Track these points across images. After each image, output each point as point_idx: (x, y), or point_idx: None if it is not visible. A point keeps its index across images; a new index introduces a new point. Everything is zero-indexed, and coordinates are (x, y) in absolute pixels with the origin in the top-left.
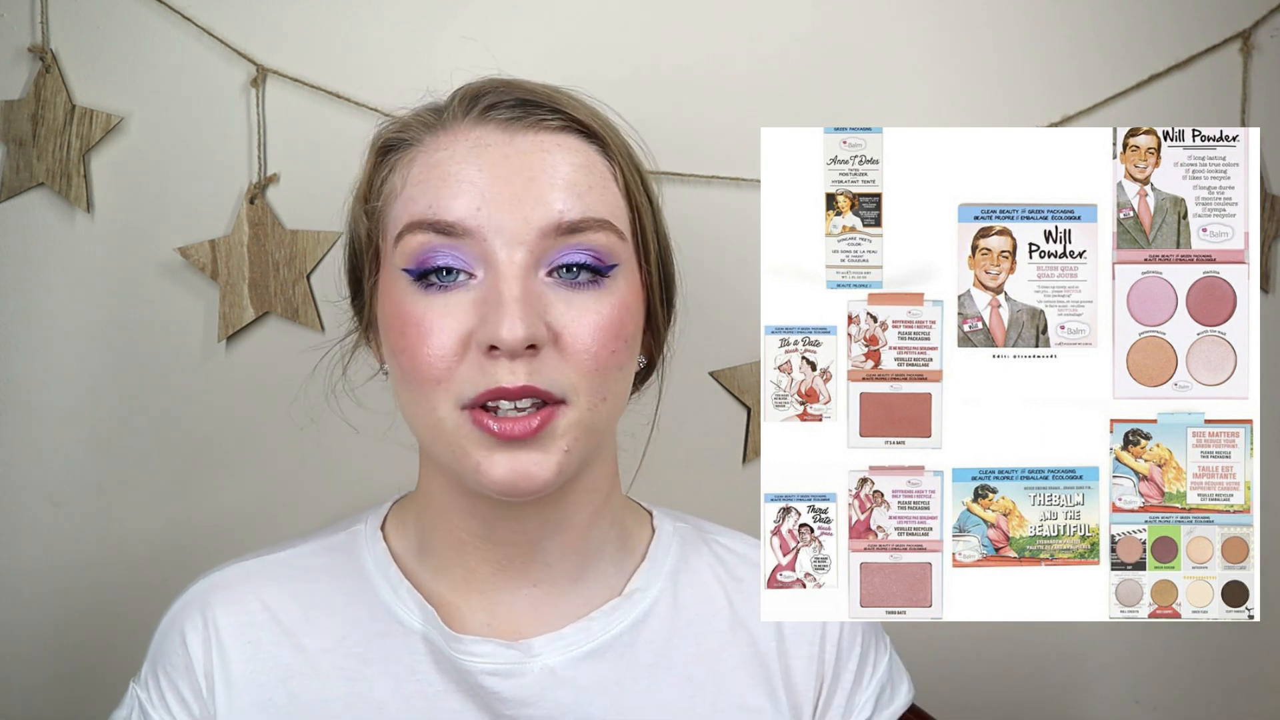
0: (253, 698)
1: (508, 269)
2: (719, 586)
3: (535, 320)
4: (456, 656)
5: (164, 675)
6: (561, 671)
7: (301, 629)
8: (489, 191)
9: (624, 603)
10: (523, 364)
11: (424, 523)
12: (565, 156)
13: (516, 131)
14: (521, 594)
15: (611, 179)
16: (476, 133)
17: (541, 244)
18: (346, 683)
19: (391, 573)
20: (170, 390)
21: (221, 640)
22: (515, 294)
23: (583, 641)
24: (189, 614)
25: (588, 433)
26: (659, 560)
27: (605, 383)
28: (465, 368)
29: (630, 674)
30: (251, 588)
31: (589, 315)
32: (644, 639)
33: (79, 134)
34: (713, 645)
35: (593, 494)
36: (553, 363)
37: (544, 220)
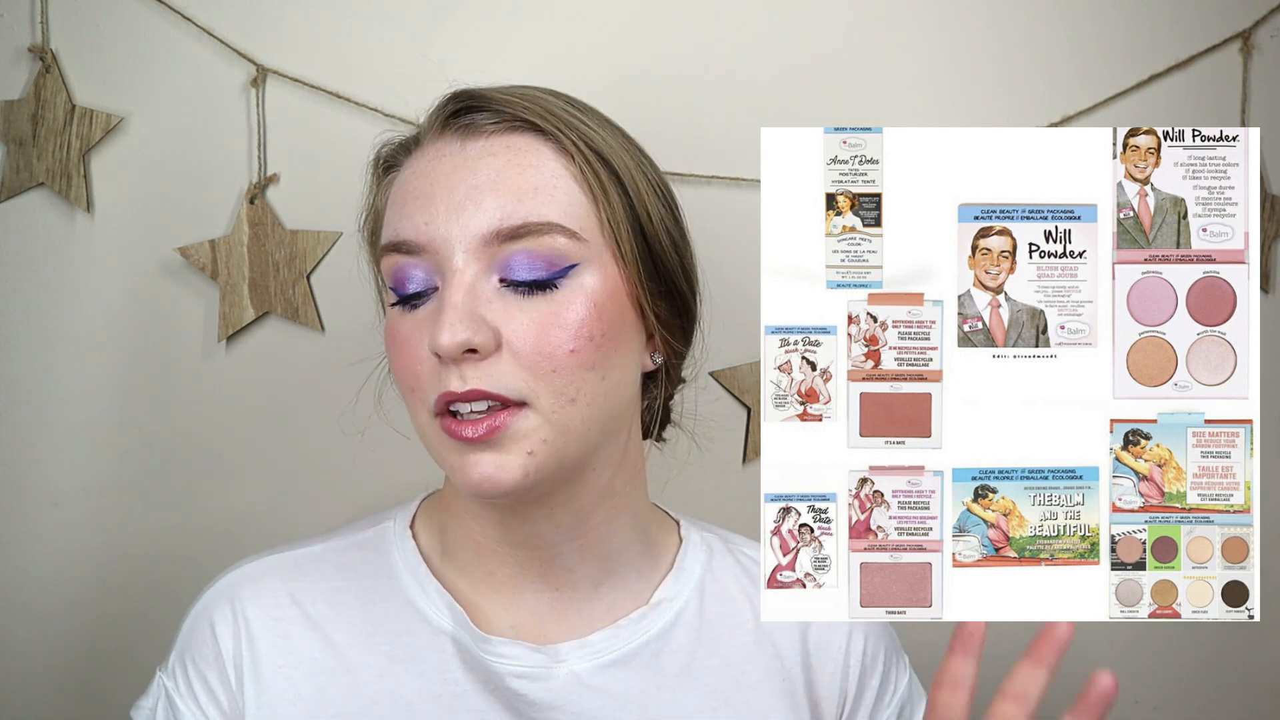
0: (281, 691)
1: (452, 277)
2: (745, 599)
3: (476, 324)
4: (485, 657)
5: (192, 665)
6: (587, 678)
7: (330, 624)
8: (435, 204)
9: (651, 612)
10: (470, 368)
11: (446, 523)
12: (513, 159)
13: (469, 138)
14: (544, 598)
15: (569, 177)
16: (437, 145)
17: (486, 251)
18: (375, 679)
19: (420, 572)
20: (170, 390)
21: (251, 632)
22: (455, 301)
23: (609, 649)
24: (218, 605)
25: (561, 434)
26: (687, 570)
27: (570, 384)
28: (429, 376)
29: (655, 683)
30: (281, 581)
31: (540, 317)
32: (670, 649)
33: (79, 134)
34: (737, 657)
35: (608, 497)
36: (504, 367)
37: (484, 227)
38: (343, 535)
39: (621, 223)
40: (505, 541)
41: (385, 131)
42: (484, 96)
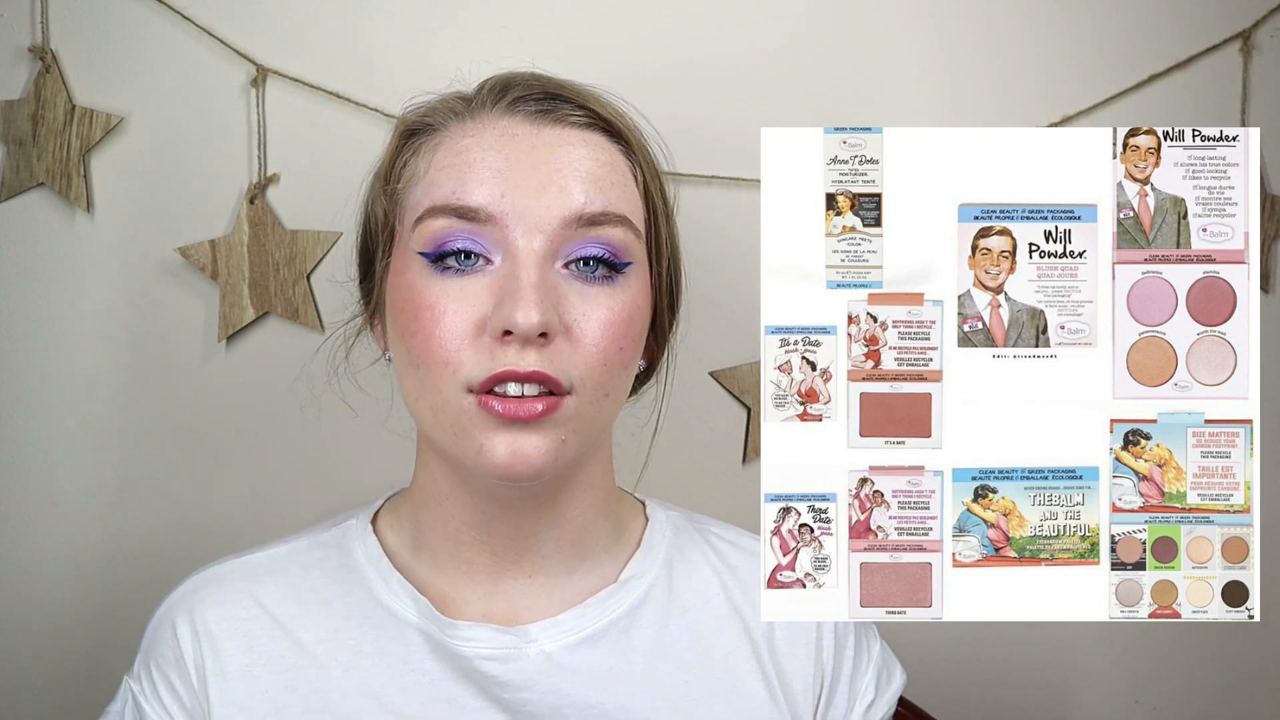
0: (248, 689)
1: (526, 256)
2: (713, 573)
3: (550, 309)
4: (452, 643)
5: (156, 668)
6: (558, 657)
7: (296, 623)
8: (513, 179)
9: (619, 589)
10: (534, 350)
11: (420, 515)
12: (590, 152)
13: (543, 124)
14: (518, 584)
15: (632, 179)
16: (504, 123)
17: (561, 234)
18: (343, 674)
19: (383, 566)
20: (170, 390)
21: (213, 634)
22: (533, 281)
23: (579, 627)
24: (179, 610)
25: (587, 426)
26: (654, 547)
27: (609, 379)
28: (474, 352)
29: (626, 659)
30: (243, 584)
31: (600, 310)
32: (639, 625)
33: (79, 134)
34: (707, 630)
35: (590, 491)
36: (563, 353)
37: (565, 210)
38: (304, 536)
39: (664, 232)
40: (485, 529)
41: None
42: (559, 86)
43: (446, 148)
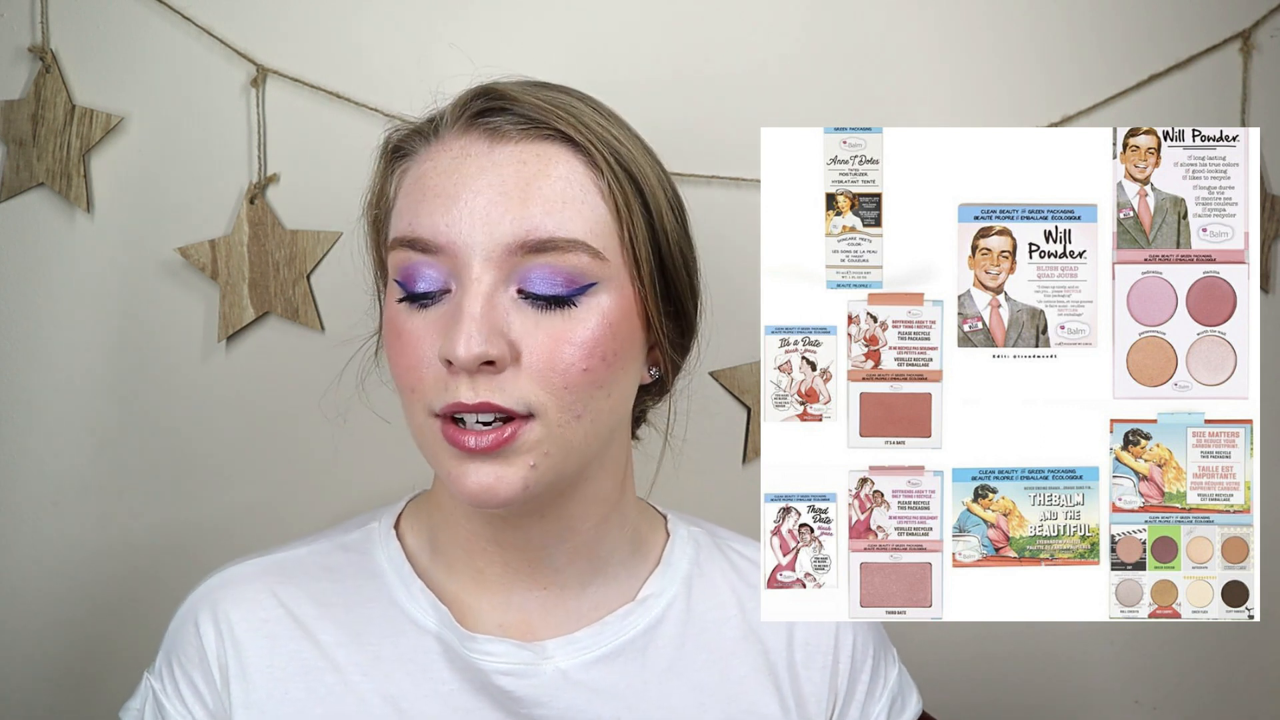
0: (270, 690)
1: (471, 285)
2: (732, 594)
3: (495, 338)
4: (470, 656)
5: (178, 666)
6: (574, 674)
7: (317, 625)
8: (459, 207)
9: (637, 608)
10: (482, 380)
11: (435, 521)
12: (544, 169)
13: (498, 141)
14: (532, 596)
15: (596, 193)
16: (461, 142)
17: (509, 260)
18: (362, 679)
19: (405, 572)
20: (170, 390)
21: (235, 634)
22: (474, 312)
23: (595, 645)
24: (202, 607)
25: (563, 449)
26: (674, 565)
27: (577, 400)
28: (434, 382)
29: (642, 678)
30: (265, 584)
31: (554, 336)
32: (656, 644)
33: (79, 134)
34: (724, 652)
35: (598, 504)
36: (515, 381)
37: (510, 237)
38: (328, 537)
39: (642, 244)
40: (495, 542)
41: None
42: (516, 99)
43: (412, 174)
